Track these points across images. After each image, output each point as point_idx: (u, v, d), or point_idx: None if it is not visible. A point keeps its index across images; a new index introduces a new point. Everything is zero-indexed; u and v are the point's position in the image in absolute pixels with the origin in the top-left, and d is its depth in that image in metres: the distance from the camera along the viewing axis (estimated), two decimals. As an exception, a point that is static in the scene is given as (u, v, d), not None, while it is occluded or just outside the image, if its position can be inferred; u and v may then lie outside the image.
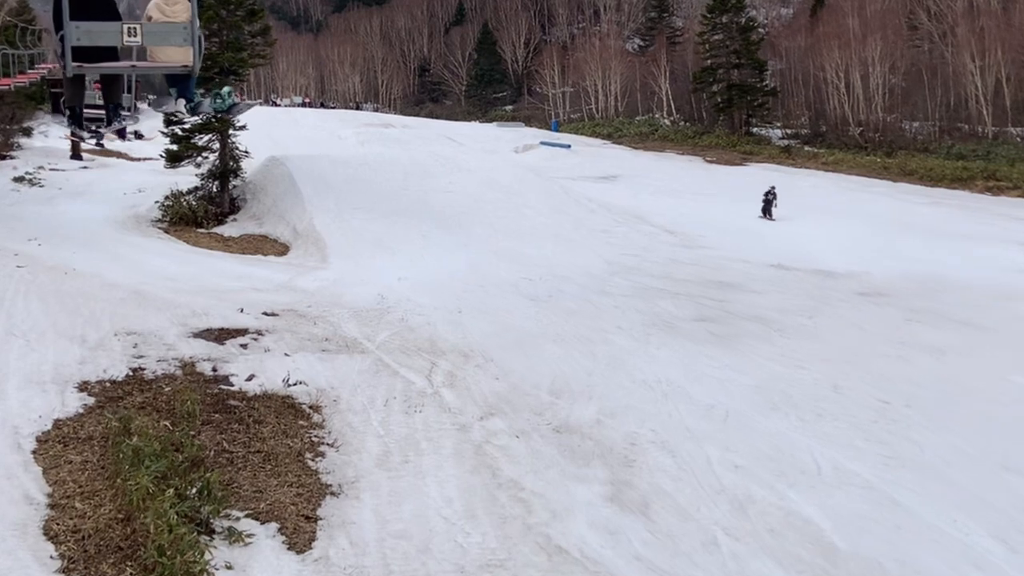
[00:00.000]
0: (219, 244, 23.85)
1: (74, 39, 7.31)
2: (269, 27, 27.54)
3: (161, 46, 8.28)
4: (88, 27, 7.34)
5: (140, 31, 7.60)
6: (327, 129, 53.72)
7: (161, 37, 8.01)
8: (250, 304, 16.93)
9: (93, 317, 15.37)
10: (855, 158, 42.38)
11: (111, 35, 7.61)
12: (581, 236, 23.85)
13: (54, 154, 37.92)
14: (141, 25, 7.73)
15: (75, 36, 7.28)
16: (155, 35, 7.86)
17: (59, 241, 21.36)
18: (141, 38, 7.73)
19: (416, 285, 18.83)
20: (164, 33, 7.87)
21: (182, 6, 8.38)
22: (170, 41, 8.10)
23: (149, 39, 7.96)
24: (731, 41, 50.42)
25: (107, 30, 7.56)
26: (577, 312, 17.13)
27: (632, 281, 19.41)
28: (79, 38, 7.33)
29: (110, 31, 7.58)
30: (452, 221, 24.46)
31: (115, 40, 7.71)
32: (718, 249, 22.80)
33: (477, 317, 16.59)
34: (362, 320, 16.29)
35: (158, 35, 7.90)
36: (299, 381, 12.69)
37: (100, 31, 7.50)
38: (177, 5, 8.41)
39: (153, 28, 7.84)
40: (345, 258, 21.30)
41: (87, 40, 7.46)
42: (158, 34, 7.88)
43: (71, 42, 7.32)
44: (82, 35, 7.33)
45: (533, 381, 13.17)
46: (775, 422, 11.61)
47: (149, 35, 7.77)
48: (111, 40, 7.73)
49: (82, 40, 7.39)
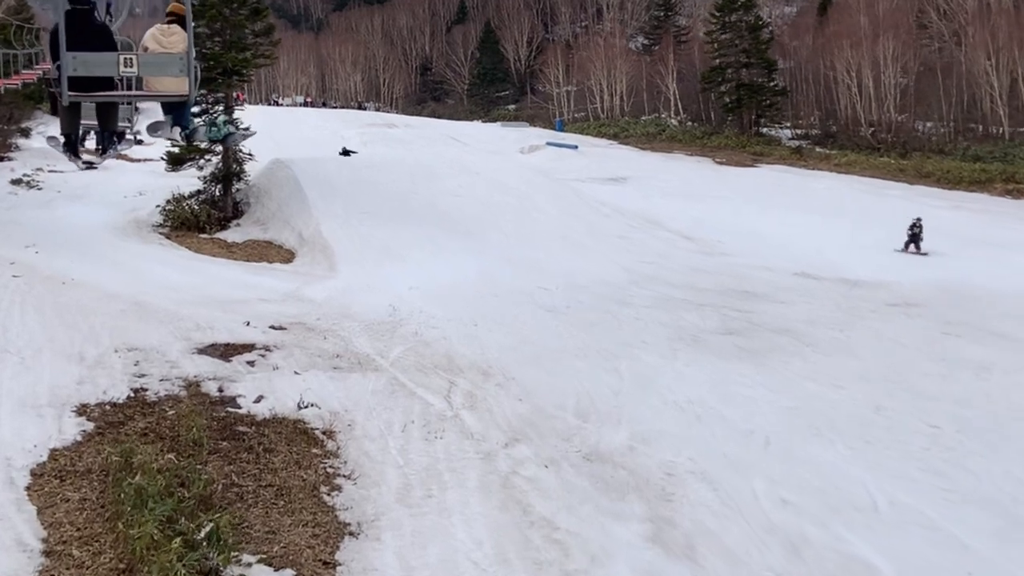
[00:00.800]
0: (223, 251, 23.10)
1: (71, 69, 7.24)
2: (273, 26, 26.80)
3: (158, 76, 8.23)
4: (85, 58, 7.32)
5: (136, 62, 7.58)
6: (329, 129, 52.96)
7: (158, 68, 8.01)
8: (256, 316, 16.21)
9: (92, 331, 14.66)
10: (868, 159, 41.59)
11: (108, 66, 7.53)
12: (595, 242, 23.11)
13: (52, 155, 36.75)
14: (137, 56, 7.73)
15: (72, 67, 7.22)
16: (152, 66, 7.89)
17: (57, 248, 20.64)
18: (138, 68, 7.70)
19: (428, 295, 18.11)
20: (161, 64, 7.88)
21: (178, 37, 8.39)
22: (166, 72, 8.07)
23: (146, 70, 7.94)
24: (740, 40, 49.64)
25: (104, 61, 7.49)
26: (598, 324, 16.40)
27: (653, 291, 18.69)
28: (76, 68, 7.28)
29: (107, 62, 7.50)
30: (462, 226, 23.72)
31: (112, 71, 7.66)
32: (738, 256, 22.07)
33: (494, 330, 15.87)
34: (374, 334, 15.56)
35: (155, 66, 7.92)
36: (311, 403, 11.96)
37: (97, 61, 7.45)
38: (174, 36, 8.42)
39: (150, 59, 7.88)
40: (353, 266, 20.56)
41: (84, 70, 7.39)
42: (155, 65, 7.90)
43: (68, 72, 7.26)
44: (79, 65, 7.29)
45: (557, 402, 12.45)
46: (820, 449, 10.87)
47: (146, 66, 7.79)
48: (108, 71, 7.67)
49: (79, 70, 7.33)
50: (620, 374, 13.58)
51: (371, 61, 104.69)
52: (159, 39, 8.44)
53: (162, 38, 8.44)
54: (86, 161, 9.70)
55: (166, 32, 8.46)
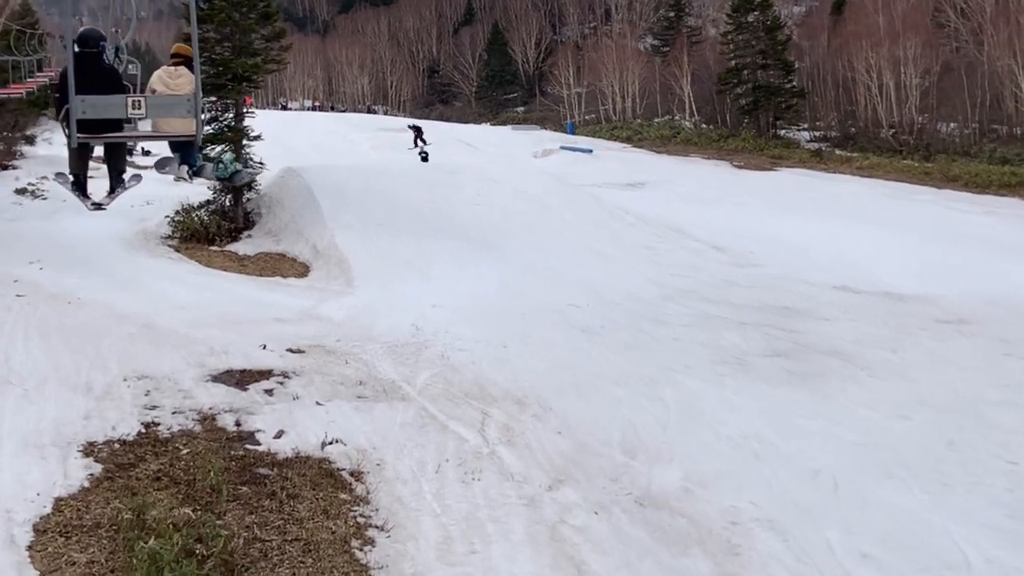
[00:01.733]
0: (234, 264, 22.25)
1: (79, 112, 7.27)
2: (284, 30, 25.96)
3: (166, 118, 8.30)
4: (93, 100, 7.37)
5: (145, 104, 7.63)
6: (339, 134, 52.23)
7: (165, 109, 8.09)
8: (273, 338, 15.34)
9: (100, 358, 13.81)
10: (891, 162, 40.60)
11: (116, 108, 7.56)
12: (622, 253, 22.20)
13: (58, 163, 36.02)
14: (145, 98, 7.78)
15: (80, 110, 7.25)
16: (159, 108, 7.96)
17: (62, 263, 19.81)
18: (146, 111, 7.73)
19: (453, 313, 17.22)
20: (168, 105, 7.98)
21: (186, 79, 8.47)
22: (174, 113, 8.13)
23: (154, 112, 7.97)
24: (757, 41, 48.68)
25: (112, 103, 7.53)
26: (635, 346, 15.49)
27: (688, 307, 17.76)
28: (84, 111, 7.30)
29: (115, 104, 7.54)
30: (482, 236, 22.84)
31: (120, 113, 7.68)
32: (772, 267, 21.12)
33: (525, 353, 14.97)
34: (398, 357, 14.68)
35: (162, 107, 8.00)
36: (336, 439, 11.07)
37: (105, 104, 7.50)
38: (181, 78, 8.51)
39: (157, 101, 7.98)
40: (372, 281, 19.67)
41: (92, 113, 7.40)
42: (162, 107, 7.98)
43: (76, 115, 7.27)
44: (87, 108, 7.32)
45: (601, 436, 11.54)
46: (894, 493, 9.95)
47: (154, 108, 7.84)
48: (116, 113, 7.70)
49: (87, 113, 7.35)
50: (665, 403, 12.66)
51: (378, 64, 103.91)
52: (166, 81, 8.54)
53: (169, 80, 8.53)
54: (95, 203, 9.51)
55: (173, 75, 8.55)
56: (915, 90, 44.02)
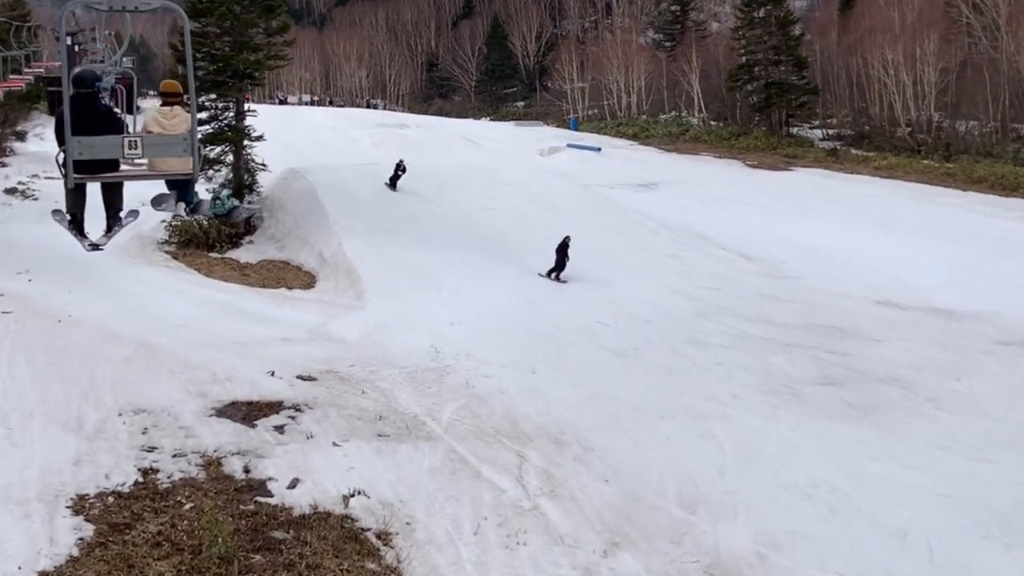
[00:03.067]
0: (236, 273, 20.98)
1: (76, 153, 7.22)
2: (288, 24, 24.62)
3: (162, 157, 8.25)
4: (90, 142, 7.40)
5: (141, 144, 7.63)
6: (339, 130, 50.68)
7: (162, 149, 8.02)
8: (281, 362, 14.09)
9: (93, 386, 12.58)
10: (911, 162, 39.28)
11: (112, 148, 7.59)
12: (646, 263, 20.98)
13: (50, 160, 34.70)
14: (142, 138, 7.79)
15: (77, 151, 7.22)
16: (156, 147, 7.96)
17: (53, 274, 18.54)
18: (142, 151, 7.72)
19: (473, 332, 16.01)
20: (165, 145, 7.95)
21: (181, 118, 8.49)
22: (170, 153, 8.05)
23: (150, 151, 7.96)
24: (769, 36, 47.27)
25: (109, 144, 7.56)
26: (674, 371, 14.27)
27: (725, 325, 16.55)
28: (81, 152, 7.28)
29: (112, 145, 7.57)
30: (498, 245, 21.61)
31: (116, 153, 7.73)
32: (807, 279, 19.91)
33: (557, 379, 13.76)
34: (418, 385, 13.45)
35: (159, 147, 7.97)
36: (358, 490, 9.85)
37: (102, 145, 7.52)
38: (176, 118, 8.51)
39: (154, 141, 7.98)
40: (384, 294, 18.44)
41: (89, 154, 7.38)
42: (159, 146, 7.96)
43: (73, 156, 7.22)
44: (84, 149, 7.32)
45: (653, 484, 10.33)
46: (997, 558, 8.78)
47: (150, 147, 7.86)
48: (112, 153, 7.74)
49: (84, 154, 7.34)
50: (718, 442, 11.45)
51: (376, 57, 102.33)
52: (162, 123, 8.51)
53: (164, 121, 8.50)
54: (92, 244, 9.16)
55: (168, 115, 8.54)
56: (934, 88, 42.72)
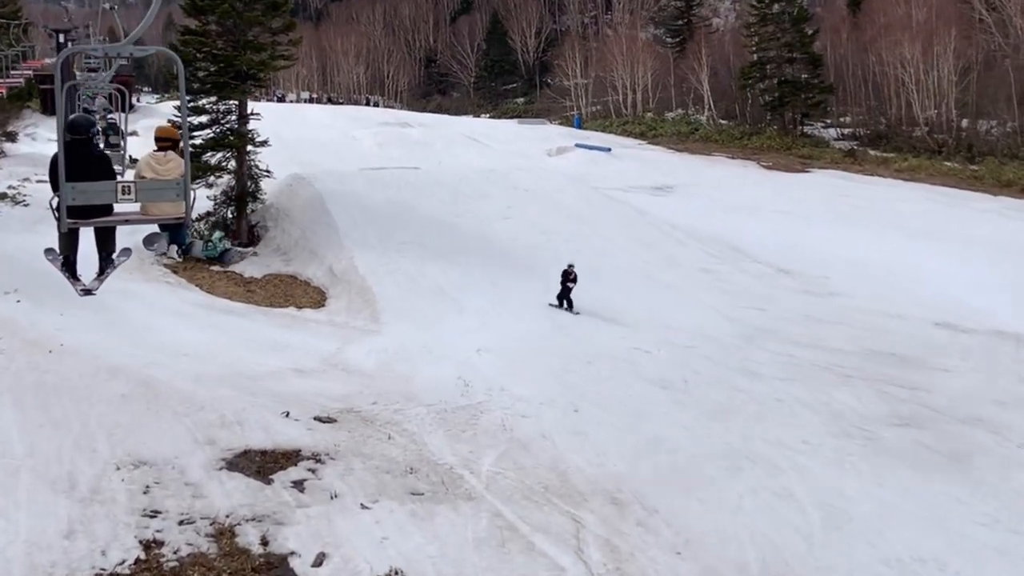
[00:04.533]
0: (240, 290, 19.59)
1: (69, 199, 7.33)
2: (294, 23, 23.17)
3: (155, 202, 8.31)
4: (84, 187, 7.44)
5: (134, 189, 7.58)
6: (339, 128, 49.26)
7: (155, 194, 8.09)
8: (295, 400, 12.74)
9: (87, 433, 11.22)
10: (933, 164, 37.99)
11: (106, 194, 7.59)
12: (679, 279, 19.64)
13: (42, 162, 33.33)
14: (135, 184, 7.75)
15: (71, 196, 7.30)
16: (149, 192, 7.99)
17: (44, 293, 17.00)
18: (135, 196, 7.67)
19: (503, 360, 14.68)
20: (158, 190, 8.03)
21: (174, 163, 8.64)
22: (164, 197, 8.15)
23: (143, 196, 8.01)
24: (782, 33, 45.92)
25: (102, 189, 7.58)
26: (730, 409, 12.94)
27: (774, 351, 15.23)
28: (74, 198, 7.35)
29: (105, 190, 7.57)
30: (520, 260, 20.27)
31: (110, 198, 7.72)
32: (854, 297, 18.59)
33: (602, 420, 12.43)
34: (451, 428, 12.10)
35: (152, 192, 8.03)
36: (396, 571, 8.49)
37: (95, 191, 7.55)
38: (170, 163, 8.65)
39: (147, 185, 7.98)
40: (402, 316, 17.09)
41: (83, 199, 7.45)
42: (152, 191, 8.01)
43: (67, 202, 7.36)
44: (77, 195, 7.36)
45: (733, 557, 9.01)
46: None
47: (143, 192, 7.87)
48: (106, 199, 7.76)
49: (77, 200, 7.40)
50: (798, 503, 10.12)
51: (374, 53, 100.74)
52: (155, 167, 8.59)
53: (158, 166, 8.59)
54: (84, 288, 8.92)
55: (161, 160, 8.66)
56: (954, 87, 41.36)
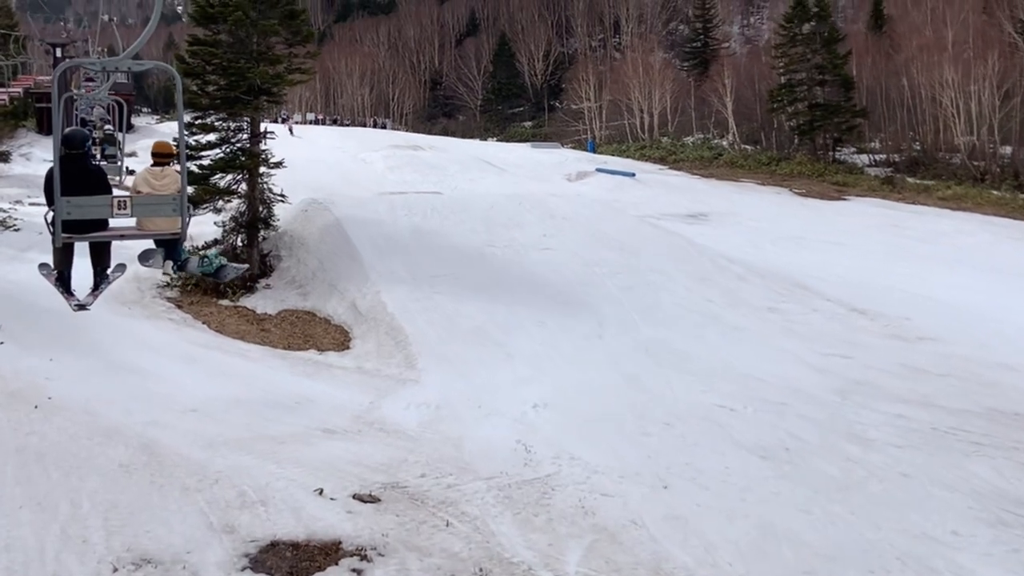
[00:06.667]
0: (253, 328, 17.45)
1: (64, 213, 7.37)
2: (313, 33, 21.15)
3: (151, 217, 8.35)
4: (79, 202, 7.47)
5: (130, 204, 7.68)
6: (349, 151, 47.35)
7: (151, 209, 8.15)
8: (328, 470, 10.58)
9: (77, 518, 9.06)
10: (980, 193, 36.05)
11: (101, 209, 7.65)
12: (747, 320, 17.52)
13: (36, 183, 31.18)
14: (131, 199, 7.82)
15: (65, 211, 7.35)
16: (145, 208, 8.02)
17: (31, 332, 15.04)
18: (131, 211, 7.75)
19: (566, 419, 12.54)
20: (154, 205, 8.04)
21: (171, 179, 8.69)
22: (160, 213, 8.17)
23: (139, 211, 8.04)
24: (812, 54, 44.08)
25: (97, 204, 7.61)
26: (848, 486, 10.77)
27: (881, 411, 13.07)
28: (69, 212, 7.40)
29: (101, 205, 7.62)
30: (566, 296, 18.15)
31: (105, 213, 7.78)
32: (949, 343, 16.46)
33: (701, 501, 10.25)
34: (519, 509, 9.91)
35: (148, 207, 8.05)
36: None
37: (90, 205, 7.57)
38: (166, 179, 8.71)
39: (143, 201, 8.04)
40: (441, 363, 14.92)
41: (78, 214, 7.53)
42: (148, 206, 8.04)
43: (61, 216, 7.40)
44: (73, 209, 7.42)
45: None
46: None
47: (139, 208, 7.89)
48: (101, 213, 7.79)
49: (72, 214, 7.46)
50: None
51: (378, 75, 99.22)
52: (151, 183, 8.67)
53: (154, 181, 8.66)
54: (79, 303, 8.95)
55: (158, 176, 8.72)
56: (997, 112, 39.44)
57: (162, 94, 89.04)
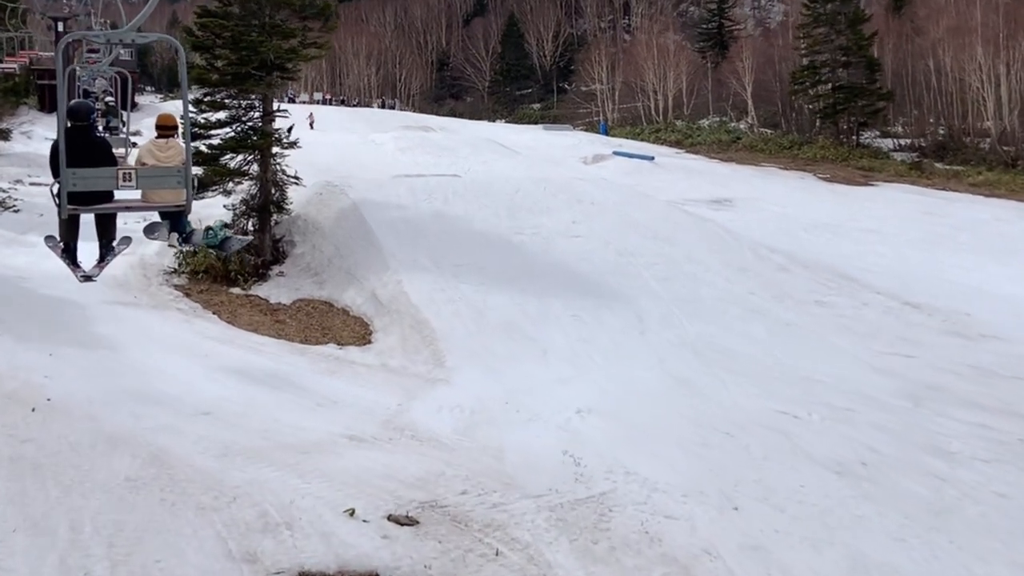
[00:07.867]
0: (267, 319, 16.31)
1: (70, 185, 7.31)
2: (329, 5, 19.85)
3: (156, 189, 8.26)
4: (84, 173, 7.42)
5: (135, 176, 7.56)
6: (358, 132, 46.03)
7: (156, 181, 8.06)
8: (358, 485, 9.46)
9: (78, 543, 7.97)
10: (1015, 179, 34.75)
11: (106, 180, 7.57)
12: (795, 315, 16.36)
13: (37, 162, 29.95)
14: (136, 170, 7.72)
15: (71, 182, 7.29)
16: (150, 179, 7.94)
17: (29, 324, 13.94)
18: (136, 182, 7.65)
19: (616, 426, 11.41)
20: (159, 177, 7.96)
21: (175, 150, 8.67)
22: (165, 185, 8.10)
23: (144, 183, 7.98)
24: (837, 35, 42.69)
25: (102, 175, 7.55)
26: (941, 509, 9.64)
27: (962, 421, 11.95)
28: (75, 184, 7.33)
29: (106, 176, 7.55)
30: (600, 287, 16.98)
31: (110, 185, 7.67)
32: (1012, 342, 15.33)
33: (778, 526, 9.13)
34: (575, 536, 8.79)
35: (153, 179, 7.97)
36: None
37: (95, 177, 7.51)
38: (171, 150, 8.69)
39: (148, 172, 7.95)
40: (472, 360, 13.77)
41: (83, 186, 7.47)
42: (153, 178, 7.96)
43: (67, 188, 7.34)
44: (78, 181, 7.36)
45: None
46: None
47: (144, 179, 7.83)
48: (106, 185, 7.70)
49: (78, 186, 7.38)
50: None
51: (385, 55, 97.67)
52: (156, 154, 8.63)
53: (159, 153, 8.62)
54: (84, 274, 8.80)
55: (162, 147, 8.67)
56: (1024, 94, 38.11)
57: (166, 73, 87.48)
